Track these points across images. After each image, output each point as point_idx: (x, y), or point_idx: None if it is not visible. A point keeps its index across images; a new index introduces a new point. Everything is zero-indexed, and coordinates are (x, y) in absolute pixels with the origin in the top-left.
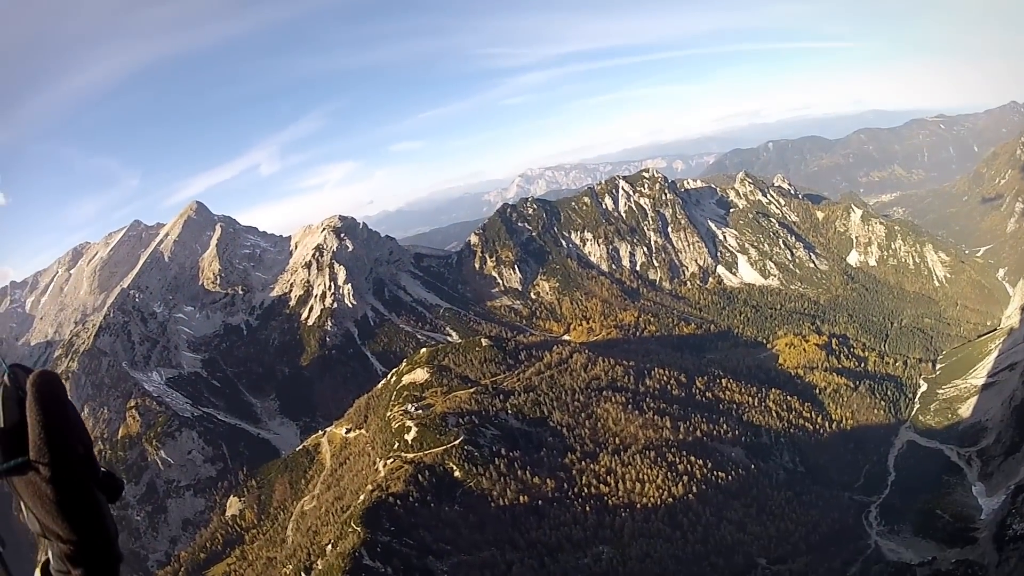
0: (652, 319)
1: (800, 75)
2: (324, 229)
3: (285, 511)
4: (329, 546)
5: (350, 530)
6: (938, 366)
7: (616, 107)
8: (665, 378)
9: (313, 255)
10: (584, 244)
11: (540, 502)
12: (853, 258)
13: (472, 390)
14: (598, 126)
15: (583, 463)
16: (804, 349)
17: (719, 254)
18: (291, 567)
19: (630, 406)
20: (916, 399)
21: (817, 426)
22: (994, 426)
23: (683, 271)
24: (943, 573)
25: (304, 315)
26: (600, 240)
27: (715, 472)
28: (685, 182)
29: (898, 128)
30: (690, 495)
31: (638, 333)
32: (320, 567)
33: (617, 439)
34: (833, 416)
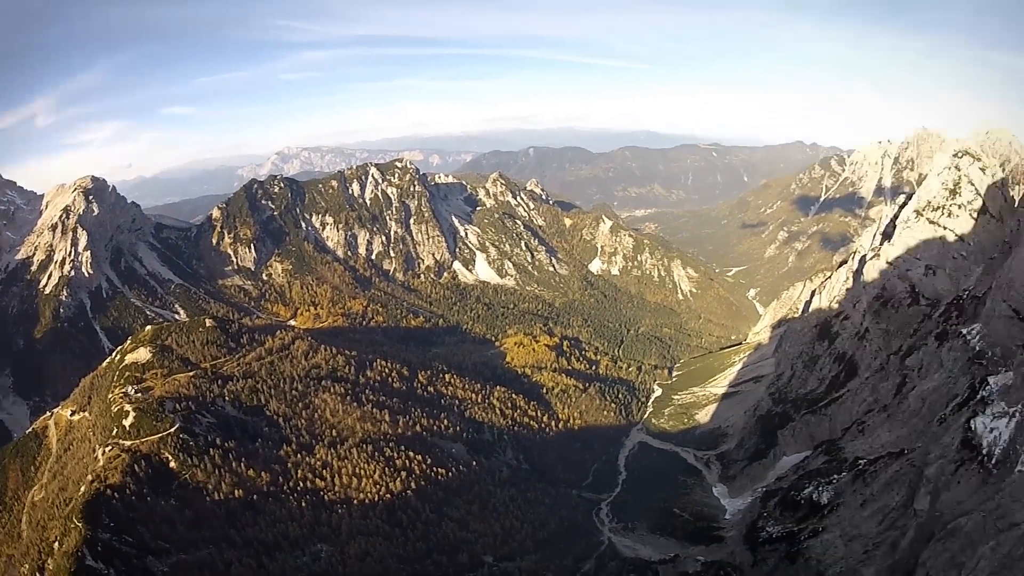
0: (381, 309)
1: (582, 88)
2: (75, 189)
3: (19, 501)
4: (56, 543)
5: (72, 526)
6: (675, 373)
7: (393, 95)
8: (387, 370)
9: (60, 217)
10: (323, 228)
11: (255, 496)
12: (595, 265)
13: (191, 374)
14: (370, 112)
15: (299, 455)
16: (533, 349)
17: (458, 250)
18: (27, 567)
19: (349, 397)
20: (649, 403)
21: (543, 425)
22: (736, 432)
23: (419, 263)
24: (696, 574)
25: (43, 282)
26: (340, 225)
27: (435, 468)
28: (437, 176)
29: (667, 150)
30: (409, 491)
31: (365, 322)
32: (51, 567)
33: (334, 431)
34: (560, 416)
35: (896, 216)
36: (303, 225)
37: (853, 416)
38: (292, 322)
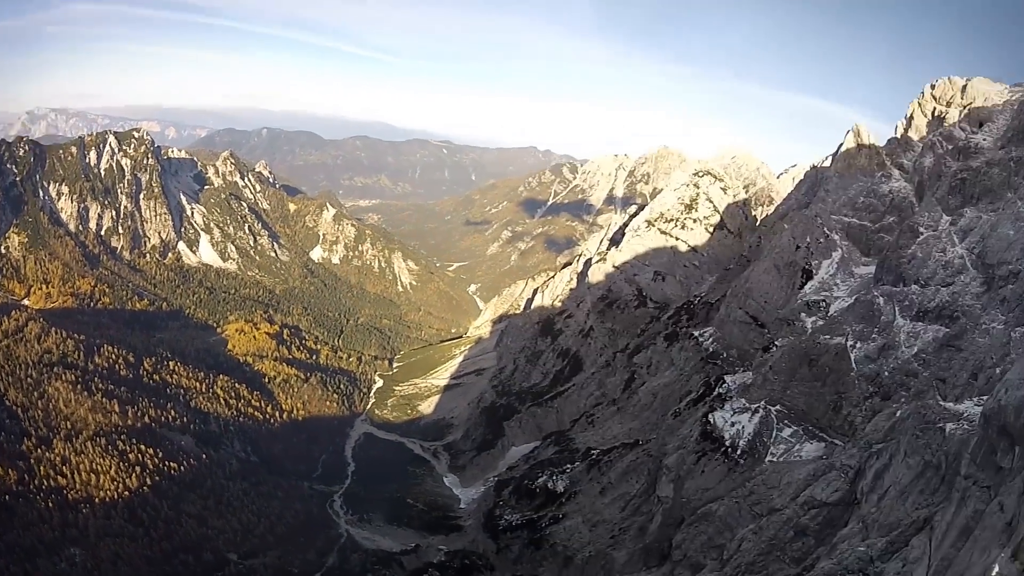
0: (108, 290)
1: (328, 73)
2: None
3: None
4: None
5: None
6: (395, 365)
7: (142, 60)
8: (114, 356)
9: None
10: (59, 198)
11: (7, 497)
12: (317, 253)
13: None
14: (120, 76)
15: (40, 450)
16: (255, 337)
17: (183, 230)
18: None
19: (80, 386)
20: (372, 394)
21: (268, 415)
22: (462, 423)
23: (145, 242)
24: (443, 565)
25: None
26: (75, 196)
27: (167, 462)
28: (171, 150)
29: (399, 143)
30: (145, 488)
31: (93, 304)
32: None
33: (69, 423)
34: (284, 406)
35: (626, 224)
36: (41, 194)
37: (581, 409)
38: (26, 301)
